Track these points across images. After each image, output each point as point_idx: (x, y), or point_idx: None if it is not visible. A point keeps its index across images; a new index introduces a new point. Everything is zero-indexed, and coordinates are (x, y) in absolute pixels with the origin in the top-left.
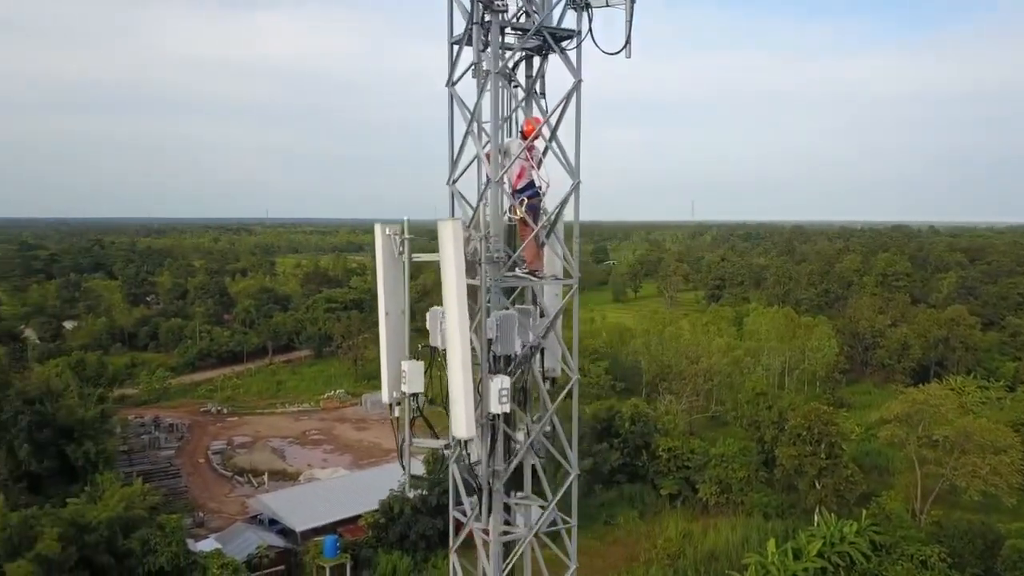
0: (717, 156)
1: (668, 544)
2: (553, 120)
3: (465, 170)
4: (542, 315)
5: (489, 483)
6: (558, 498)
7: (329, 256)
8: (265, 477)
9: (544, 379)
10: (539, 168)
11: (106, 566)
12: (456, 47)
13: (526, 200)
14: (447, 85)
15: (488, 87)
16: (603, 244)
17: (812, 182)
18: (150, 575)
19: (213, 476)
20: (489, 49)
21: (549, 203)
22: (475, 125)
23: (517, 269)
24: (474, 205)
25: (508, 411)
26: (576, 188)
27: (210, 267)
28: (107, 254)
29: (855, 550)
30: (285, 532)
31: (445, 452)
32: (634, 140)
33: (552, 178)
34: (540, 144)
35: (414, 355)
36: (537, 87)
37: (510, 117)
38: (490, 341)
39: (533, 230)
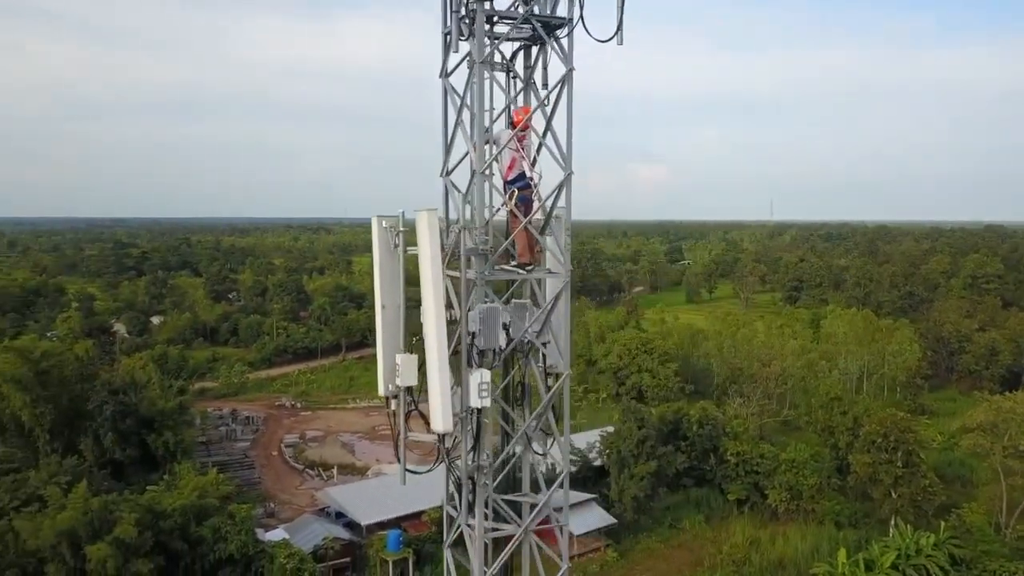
0: (799, 154)
1: (734, 550)
2: (546, 110)
3: (460, 162)
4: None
5: (472, 479)
6: (548, 495)
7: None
8: (334, 471)
9: (547, 375)
10: (532, 159)
11: (179, 551)
12: (449, 38)
13: (516, 192)
14: (441, 76)
15: (475, 77)
16: (679, 243)
17: (900, 181)
18: (220, 562)
19: (285, 468)
20: (475, 39)
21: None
22: (466, 116)
23: (512, 262)
24: (468, 198)
25: (488, 405)
26: (568, 180)
27: (289, 265)
28: (194, 252)
29: (932, 564)
30: (351, 525)
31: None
32: (715, 138)
33: (552, 170)
34: (535, 135)
35: (408, 348)
36: (538, 77)
37: (508, 108)
38: (473, 334)
39: (522, 222)
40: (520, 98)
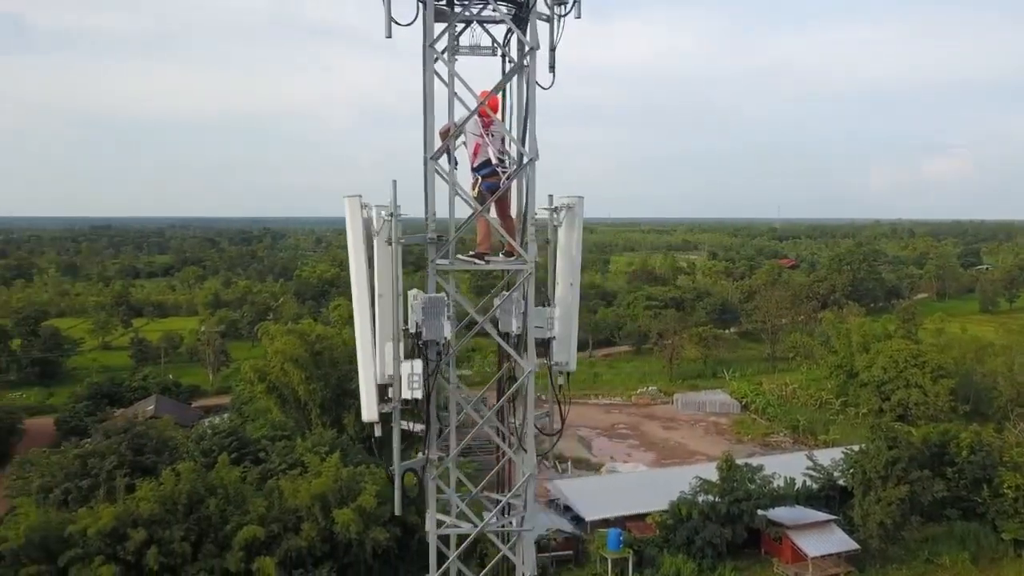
0: None
1: None
2: (512, 93)
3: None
4: (549, 304)
5: (418, 473)
6: (510, 496)
7: (660, 255)
8: (569, 464)
9: (559, 373)
10: (499, 144)
11: (415, 525)
12: (392, 23)
13: (481, 179)
14: (434, 63)
15: (427, 62)
16: (977, 246)
17: None
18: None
19: None
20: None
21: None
22: (446, 100)
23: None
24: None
25: (419, 396)
26: (531, 165)
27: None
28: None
29: None
30: (578, 519)
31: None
32: None
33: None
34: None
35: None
36: (541, 60)
37: (503, 91)
38: (417, 324)
39: (477, 210)
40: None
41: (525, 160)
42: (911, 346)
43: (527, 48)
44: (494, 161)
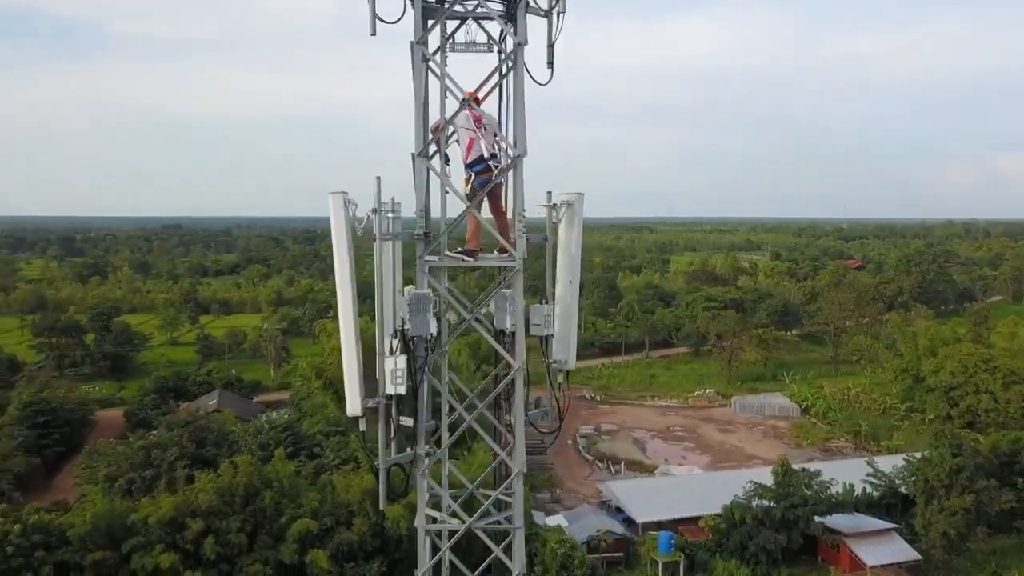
0: None
1: None
2: (506, 89)
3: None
4: (547, 301)
5: (404, 469)
6: (499, 491)
7: (721, 255)
8: (622, 466)
9: (558, 372)
10: (491, 139)
11: (463, 521)
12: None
13: (474, 176)
14: (424, 60)
15: (415, 60)
16: None
17: None
18: (497, 534)
19: (577, 458)
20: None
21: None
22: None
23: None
24: (449, 180)
25: (403, 392)
26: (518, 162)
27: (606, 263)
28: None
29: None
30: (630, 521)
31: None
32: None
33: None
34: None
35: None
36: (538, 56)
37: (499, 87)
38: (403, 320)
39: (479, 206)
40: (510, 78)
41: (513, 156)
42: (981, 350)
43: (516, 43)
44: (486, 156)
